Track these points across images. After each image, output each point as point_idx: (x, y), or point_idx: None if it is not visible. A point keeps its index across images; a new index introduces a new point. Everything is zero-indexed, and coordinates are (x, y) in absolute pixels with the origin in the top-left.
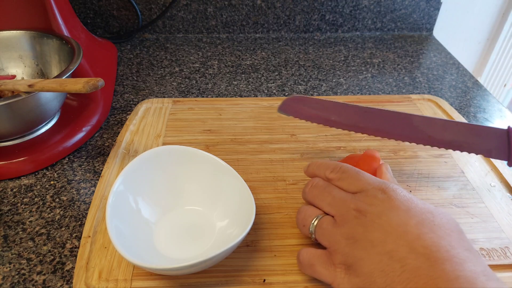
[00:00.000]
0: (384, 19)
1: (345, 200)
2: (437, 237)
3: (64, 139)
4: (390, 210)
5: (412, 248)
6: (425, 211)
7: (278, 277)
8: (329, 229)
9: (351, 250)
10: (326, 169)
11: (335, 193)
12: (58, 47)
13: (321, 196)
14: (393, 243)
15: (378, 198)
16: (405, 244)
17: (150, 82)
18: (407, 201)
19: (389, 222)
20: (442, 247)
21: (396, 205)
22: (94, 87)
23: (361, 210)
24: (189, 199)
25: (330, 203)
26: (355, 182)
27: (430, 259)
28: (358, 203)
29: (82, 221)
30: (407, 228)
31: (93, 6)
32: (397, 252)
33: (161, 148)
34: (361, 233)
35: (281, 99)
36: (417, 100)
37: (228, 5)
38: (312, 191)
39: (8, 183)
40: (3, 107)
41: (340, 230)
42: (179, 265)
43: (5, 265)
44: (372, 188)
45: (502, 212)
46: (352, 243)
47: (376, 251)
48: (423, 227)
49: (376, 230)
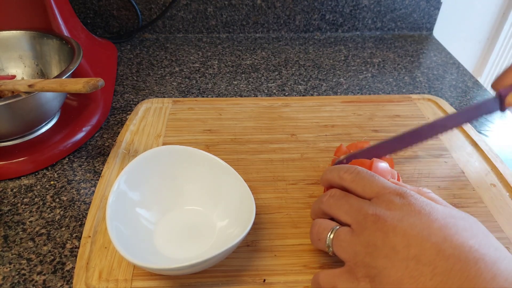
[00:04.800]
0: (384, 19)
1: (362, 206)
2: (463, 238)
3: (64, 139)
4: (410, 215)
5: (440, 250)
6: (447, 216)
7: (278, 277)
8: (347, 239)
9: (373, 259)
10: (340, 170)
11: (352, 201)
12: (58, 47)
13: (338, 204)
14: (418, 246)
15: (396, 203)
16: (432, 247)
17: (150, 82)
18: (427, 205)
19: (411, 226)
20: (472, 246)
21: (417, 210)
22: (94, 87)
23: (379, 215)
24: (189, 199)
25: (347, 211)
26: (370, 185)
27: (462, 259)
28: (376, 208)
29: (82, 221)
30: (431, 231)
31: (93, 6)
32: (424, 255)
33: (161, 148)
34: (381, 239)
35: (282, 99)
36: (417, 100)
37: (228, 5)
38: (329, 200)
39: (8, 183)
40: (3, 107)
41: (358, 239)
42: (179, 265)
43: (5, 265)
44: (389, 193)
45: (502, 212)
46: (372, 252)
47: (400, 257)
48: (448, 230)
49: (398, 235)
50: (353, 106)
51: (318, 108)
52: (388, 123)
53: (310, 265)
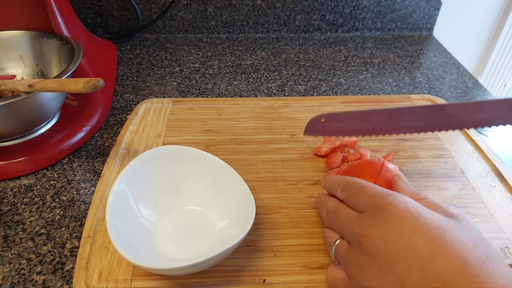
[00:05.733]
0: (384, 19)
1: (350, 224)
2: (450, 256)
3: (64, 139)
4: (394, 230)
5: (424, 272)
6: (435, 227)
7: (278, 277)
8: (343, 256)
9: (363, 279)
10: (337, 188)
11: (342, 217)
12: (58, 47)
13: (333, 221)
14: (403, 268)
15: (379, 218)
16: (416, 269)
17: (150, 82)
18: (411, 217)
19: (394, 244)
20: (457, 267)
21: (399, 224)
22: (94, 87)
23: (363, 235)
24: (189, 199)
25: (339, 228)
26: (359, 200)
27: (446, 284)
28: (361, 226)
29: (82, 221)
30: (415, 249)
31: (93, 6)
32: (408, 279)
33: (161, 148)
34: (368, 260)
35: (282, 99)
36: (417, 100)
37: (228, 5)
38: (327, 216)
39: (8, 183)
40: (3, 107)
41: (351, 257)
42: (179, 265)
43: (5, 265)
44: (373, 206)
45: (502, 212)
46: (362, 272)
47: (387, 279)
48: (434, 246)
49: (383, 257)
50: (353, 106)
51: (318, 108)
52: None
53: (310, 265)
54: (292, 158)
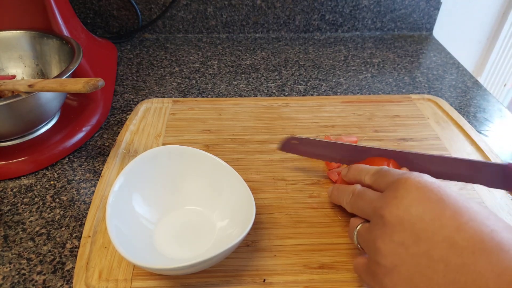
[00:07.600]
0: (384, 19)
1: (372, 200)
2: (477, 224)
3: (64, 139)
4: (419, 203)
5: (452, 243)
6: (460, 198)
7: (278, 277)
8: (365, 236)
9: (382, 257)
10: (366, 174)
11: (366, 196)
12: (58, 47)
13: (357, 202)
14: (429, 240)
15: (401, 189)
16: (444, 240)
17: (150, 82)
18: (437, 188)
19: (420, 217)
20: (486, 235)
21: (425, 195)
22: (94, 87)
23: (385, 207)
24: (189, 199)
25: (362, 207)
26: (385, 179)
27: (475, 252)
28: (384, 199)
29: (82, 221)
30: (443, 221)
31: (93, 6)
32: (435, 250)
33: (161, 148)
34: (389, 234)
35: (281, 99)
36: (417, 100)
37: (228, 5)
38: (352, 199)
39: (8, 183)
40: (3, 107)
41: (371, 236)
42: (179, 265)
43: (5, 265)
44: (396, 180)
45: (502, 212)
46: (381, 249)
47: (410, 253)
48: (461, 217)
49: (406, 230)
50: (353, 106)
51: (318, 108)
52: (388, 123)
53: (310, 265)
54: (292, 158)
